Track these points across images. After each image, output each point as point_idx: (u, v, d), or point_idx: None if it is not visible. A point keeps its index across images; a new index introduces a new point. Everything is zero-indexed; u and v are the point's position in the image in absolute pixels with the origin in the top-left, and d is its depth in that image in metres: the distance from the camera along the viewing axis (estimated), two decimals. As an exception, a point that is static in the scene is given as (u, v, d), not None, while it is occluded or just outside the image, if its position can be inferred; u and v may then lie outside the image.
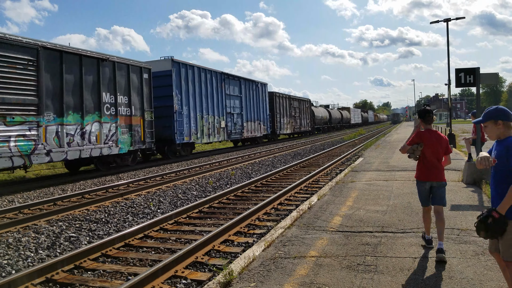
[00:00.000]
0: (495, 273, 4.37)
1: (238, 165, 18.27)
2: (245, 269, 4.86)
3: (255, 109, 33.14)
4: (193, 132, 23.44)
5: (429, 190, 5.24)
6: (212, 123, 25.95)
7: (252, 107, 32.49)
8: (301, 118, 46.79)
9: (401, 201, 8.22)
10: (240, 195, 10.78)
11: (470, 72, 10.08)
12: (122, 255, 6.25)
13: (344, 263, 4.90)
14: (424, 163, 5.26)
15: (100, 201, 10.23)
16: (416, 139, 5.22)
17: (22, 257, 6.20)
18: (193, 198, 10.79)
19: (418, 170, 5.39)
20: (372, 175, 12.16)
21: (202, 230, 7.49)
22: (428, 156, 5.21)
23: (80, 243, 6.97)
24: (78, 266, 5.73)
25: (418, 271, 4.55)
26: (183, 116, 22.42)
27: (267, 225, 7.65)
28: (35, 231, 7.64)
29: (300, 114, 46.26)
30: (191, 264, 5.69)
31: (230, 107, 28.62)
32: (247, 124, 31.39)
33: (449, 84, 28.11)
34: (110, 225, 8.14)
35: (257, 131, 33.49)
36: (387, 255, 5.10)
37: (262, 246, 5.73)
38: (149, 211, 9.34)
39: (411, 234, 5.98)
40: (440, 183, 5.18)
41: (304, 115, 47.88)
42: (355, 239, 5.82)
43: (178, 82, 22.29)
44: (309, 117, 50.21)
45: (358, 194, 9.16)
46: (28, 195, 11.96)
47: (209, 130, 25.47)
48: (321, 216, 7.29)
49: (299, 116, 46.11)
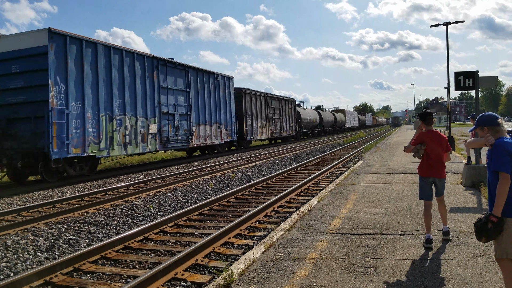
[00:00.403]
0: (493, 275, 4.37)
1: (239, 167, 18.27)
2: (245, 271, 4.85)
3: (213, 109, 25.41)
4: (91, 141, 15.73)
5: (431, 184, 5.74)
6: (133, 127, 18.15)
7: (206, 106, 24.64)
8: (282, 121, 40.15)
9: (400, 204, 8.22)
10: (241, 198, 10.77)
11: (469, 75, 10.13)
12: (122, 257, 6.24)
13: (343, 265, 4.89)
14: (427, 161, 5.70)
15: (100, 204, 10.22)
16: (419, 139, 5.70)
17: (21, 259, 6.19)
18: (193, 200, 10.78)
19: (421, 167, 5.81)
20: (372, 177, 12.16)
21: (202, 233, 7.48)
22: (430, 154, 5.65)
23: (79, 246, 6.95)
24: (77, 268, 5.71)
25: (417, 273, 4.55)
26: (68, 117, 14.68)
27: (268, 228, 7.64)
28: (34, 234, 7.63)
29: (281, 116, 39.74)
30: (191, 267, 5.68)
31: (168, 106, 20.81)
32: (198, 129, 23.57)
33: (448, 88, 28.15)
34: (109, 228, 8.13)
35: (215, 138, 25.67)
36: (387, 257, 5.10)
37: (262, 248, 5.73)
38: (149, 213, 9.33)
39: (411, 236, 5.98)
40: (441, 179, 5.74)
41: (286, 118, 41.48)
42: (355, 241, 5.82)
43: (62, 66, 14.59)
44: (294, 120, 43.89)
45: (358, 197, 9.16)
46: (27, 197, 11.95)
47: (126, 137, 17.64)
48: (321, 218, 7.29)
49: (280, 119, 39.48)
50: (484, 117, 3.68)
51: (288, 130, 42.12)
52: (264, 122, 35.31)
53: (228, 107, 27.68)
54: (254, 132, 33.04)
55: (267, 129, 36.08)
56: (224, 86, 27.17)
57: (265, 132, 35.45)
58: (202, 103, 24.28)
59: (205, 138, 24.44)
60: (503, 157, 3.37)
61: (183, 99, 22.20)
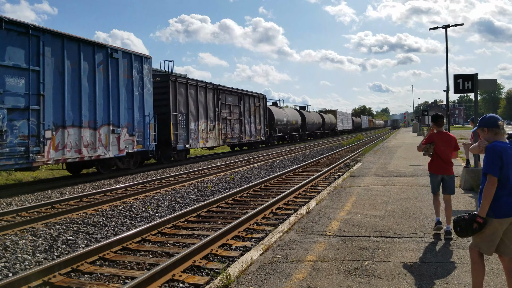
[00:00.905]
0: (492, 278, 4.38)
1: (237, 169, 18.27)
2: (242, 273, 4.86)
3: (101, 102, 16.19)
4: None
5: (440, 181, 6.27)
6: None
7: (85, 96, 15.36)
8: (244, 122, 30.75)
9: (399, 206, 8.23)
10: (239, 200, 10.78)
11: (468, 78, 10.13)
12: (120, 258, 6.24)
13: (341, 267, 4.90)
14: (436, 159, 6.26)
15: (98, 205, 10.22)
16: (429, 139, 6.27)
17: (20, 260, 6.18)
18: (191, 202, 10.78)
19: (431, 165, 6.38)
20: (370, 180, 12.17)
21: (200, 234, 7.49)
22: (439, 153, 6.21)
23: (77, 246, 6.95)
24: (76, 269, 5.71)
25: (415, 276, 4.56)
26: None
27: (265, 230, 7.65)
28: (33, 234, 7.63)
29: (242, 117, 30.41)
30: (188, 268, 5.69)
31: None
32: (62, 134, 14.34)
33: (447, 91, 28.23)
34: (108, 229, 8.13)
35: (106, 148, 16.36)
36: (385, 260, 5.10)
37: (260, 250, 5.73)
38: (147, 214, 9.33)
39: (409, 239, 5.99)
40: (450, 176, 6.22)
41: (251, 118, 32.17)
42: (353, 244, 5.83)
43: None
44: (262, 122, 34.72)
45: (356, 199, 9.17)
46: (26, 198, 11.94)
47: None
48: (319, 220, 7.30)
49: (240, 120, 29.97)
50: (486, 118, 3.75)
51: (253, 135, 32.56)
52: (211, 124, 25.47)
53: (138, 101, 18.27)
54: (193, 137, 23.35)
55: (218, 133, 26.25)
56: (128, 69, 17.76)
57: (212, 137, 25.63)
58: (75, 91, 14.95)
59: (80, 149, 15.05)
60: (493, 160, 3.51)
61: (23, 83, 12.96)
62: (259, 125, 34.12)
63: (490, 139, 3.68)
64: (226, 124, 27.87)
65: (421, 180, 11.63)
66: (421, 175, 12.79)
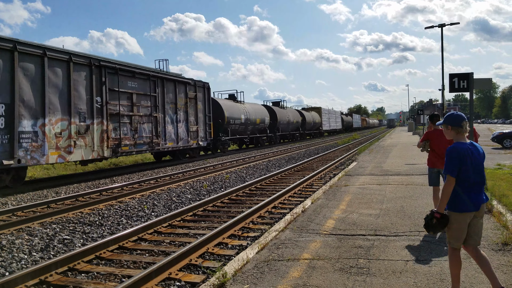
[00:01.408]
0: (485, 276, 4.43)
1: (233, 169, 18.29)
2: (238, 271, 4.89)
3: None
4: None
5: (437, 173, 6.85)
6: None
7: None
8: (166, 121, 20.76)
9: (394, 205, 8.28)
10: (235, 199, 10.80)
11: (463, 77, 10.18)
12: (116, 257, 6.25)
13: (337, 265, 4.94)
14: (432, 155, 6.89)
15: (94, 204, 10.22)
16: (425, 137, 6.96)
17: (16, 259, 6.18)
18: (187, 201, 10.80)
19: (429, 160, 6.98)
20: (366, 179, 12.23)
21: (196, 233, 7.51)
22: (435, 149, 6.81)
23: (74, 246, 6.96)
24: (72, 268, 5.72)
25: (410, 273, 4.60)
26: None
27: (261, 228, 7.68)
28: (29, 234, 7.63)
29: (159, 113, 20.05)
30: (185, 267, 5.71)
31: None
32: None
33: (443, 90, 28.39)
34: (104, 228, 8.14)
35: None
36: (380, 258, 5.15)
37: (256, 248, 5.76)
38: (143, 214, 9.34)
39: (404, 237, 6.04)
40: None
41: (180, 116, 22.13)
42: (348, 242, 5.87)
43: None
44: (203, 120, 24.44)
45: (351, 198, 9.22)
46: (22, 197, 11.91)
47: None
48: (314, 219, 7.34)
49: (154, 117, 19.67)
50: (452, 116, 3.93)
51: (183, 139, 22.26)
52: (83, 124, 15.40)
53: None
54: (28, 147, 13.15)
55: (99, 137, 16.17)
56: None
57: (85, 144, 15.48)
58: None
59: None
60: (451, 161, 3.76)
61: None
62: (195, 125, 23.50)
63: (452, 137, 3.93)
64: (121, 122, 17.48)
65: (416, 179, 11.70)
66: (416, 174, 12.86)
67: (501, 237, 5.67)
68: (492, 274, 3.84)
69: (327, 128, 62.82)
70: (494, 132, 27.36)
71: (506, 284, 4.20)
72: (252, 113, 34.48)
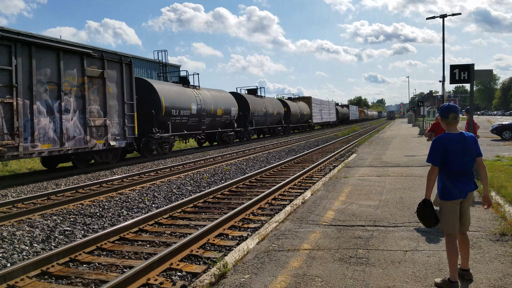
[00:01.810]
0: (483, 266, 4.47)
1: (233, 160, 18.33)
2: (239, 261, 4.93)
3: None
4: None
5: None
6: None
7: None
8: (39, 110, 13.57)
9: (393, 196, 8.32)
10: (235, 190, 10.84)
11: (464, 68, 10.16)
12: (117, 248, 6.30)
13: (336, 255, 4.98)
14: None
15: (95, 196, 10.26)
16: (432, 128, 7.69)
17: (17, 250, 6.23)
18: (187, 193, 10.84)
19: None
20: (365, 171, 12.27)
21: (197, 224, 7.55)
22: None
23: (75, 237, 7.00)
24: (73, 259, 5.77)
25: (408, 263, 4.64)
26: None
27: (261, 220, 7.72)
28: (30, 225, 7.67)
29: (23, 97, 13.00)
30: (186, 257, 5.75)
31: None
32: None
33: (443, 81, 28.36)
34: (104, 219, 8.18)
35: None
36: (379, 248, 5.19)
37: (256, 239, 5.80)
38: (144, 205, 9.38)
39: (403, 228, 6.08)
40: None
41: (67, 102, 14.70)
42: (348, 233, 5.91)
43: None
44: (119, 109, 17.34)
45: (351, 189, 9.26)
46: (22, 189, 11.95)
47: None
48: (314, 210, 7.38)
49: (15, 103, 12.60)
50: (442, 108, 4.15)
51: (79, 138, 15.23)
52: None
53: None
54: None
55: None
56: None
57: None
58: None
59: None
60: (434, 151, 4.00)
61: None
62: (103, 117, 16.47)
63: (444, 127, 4.15)
64: None
65: (415, 171, 11.74)
66: (416, 165, 12.89)
67: (499, 228, 5.71)
68: (467, 255, 4.16)
69: (318, 121, 56.14)
70: (494, 123, 27.37)
71: (503, 273, 4.24)
72: (209, 102, 26.49)
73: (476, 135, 10.55)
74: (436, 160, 3.98)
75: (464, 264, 4.18)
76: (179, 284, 4.80)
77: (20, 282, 4.93)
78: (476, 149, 4.03)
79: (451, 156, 3.94)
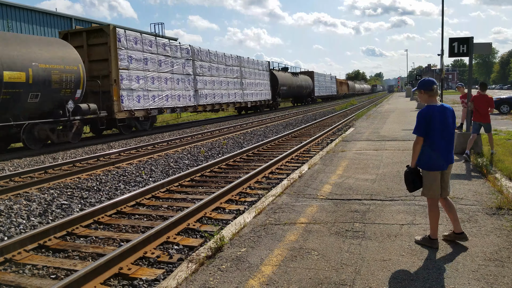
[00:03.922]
0: (480, 239, 4.49)
1: (230, 135, 18.28)
2: (236, 235, 4.94)
3: None
4: None
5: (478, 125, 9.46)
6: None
7: None
8: None
9: (390, 170, 8.32)
10: (232, 164, 10.83)
11: (463, 41, 10.03)
12: (114, 222, 6.31)
13: (333, 229, 5.00)
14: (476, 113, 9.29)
15: (92, 170, 10.23)
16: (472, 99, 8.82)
17: (14, 224, 6.23)
18: (184, 167, 10.83)
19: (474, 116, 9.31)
20: (363, 144, 12.25)
21: (194, 198, 7.56)
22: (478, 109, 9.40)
23: (72, 211, 7.00)
24: (71, 232, 5.78)
25: (404, 237, 4.66)
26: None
27: (258, 193, 7.73)
28: (27, 199, 7.66)
29: None
30: (183, 231, 5.77)
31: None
32: None
33: (441, 55, 28.07)
34: (101, 193, 8.18)
35: None
36: (375, 222, 5.20)
37: (253, 213, 5.81)
38: (141, 179, 9.37)
39: (399, 201, 6.09)
40: None
41: None
42: (344, 207, 5.92)
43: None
44: None
45: (348, 163, 9.25)
46: (19, 163, 11.91)
47: None
48: (311, 184, 7.38)
49: None
50: (424, 81, 4.32)
51: None
52: None
53: None
54: None
55: None
56: None
57: None
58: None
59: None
60: (419, 123, 4.23)
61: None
62: None
63: (425, 100, 4.33)
64: None
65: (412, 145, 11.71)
66: (413, 139, 12.86)
67: (496, 202, 5.72)
68: (456, 219, 4.41)
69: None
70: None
71: (499, 247, 4.26)
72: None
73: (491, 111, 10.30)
74: (421, 131, 4.23)
75: (457, 227, 4.40)
76: (176, 257, 4.82)
77: (17, 255, 4.94)
78: (454, 122, 4.31)
79: (435, 128, 4.19)
